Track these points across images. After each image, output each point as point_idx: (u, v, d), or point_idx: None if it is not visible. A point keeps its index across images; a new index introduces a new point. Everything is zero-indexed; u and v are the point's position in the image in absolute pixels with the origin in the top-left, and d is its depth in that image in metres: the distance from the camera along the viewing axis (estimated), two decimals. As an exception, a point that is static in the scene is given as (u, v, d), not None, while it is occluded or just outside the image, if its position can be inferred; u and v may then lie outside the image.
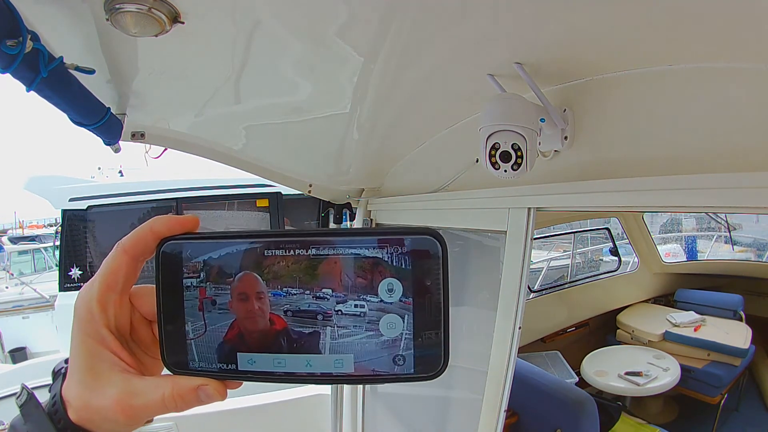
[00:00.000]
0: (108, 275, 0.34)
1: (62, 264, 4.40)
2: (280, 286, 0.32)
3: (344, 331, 0.32)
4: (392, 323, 0.31)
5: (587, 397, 2.08)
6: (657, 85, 0.78)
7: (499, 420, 1.06)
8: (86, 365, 0.34)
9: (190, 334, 0.33)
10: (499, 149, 0.86)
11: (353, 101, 1.17)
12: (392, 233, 0.31)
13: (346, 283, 0.31)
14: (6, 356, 5.39)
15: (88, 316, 0.34)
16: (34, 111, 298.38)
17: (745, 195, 0.64)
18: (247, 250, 0.33)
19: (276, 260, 0.32)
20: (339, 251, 0.32)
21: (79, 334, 0.34)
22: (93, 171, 5.13)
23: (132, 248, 0.34)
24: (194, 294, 0.33)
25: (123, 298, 0.35)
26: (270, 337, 0.33)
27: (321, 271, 0.32)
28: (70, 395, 0.34)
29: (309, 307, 0.32)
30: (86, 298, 0.34)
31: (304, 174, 1.80)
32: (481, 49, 0.89)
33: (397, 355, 0.32)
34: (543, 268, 4.76)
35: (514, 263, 1.04)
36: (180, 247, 0.33)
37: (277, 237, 0.33)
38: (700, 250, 5.59)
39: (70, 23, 0.76)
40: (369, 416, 1.94)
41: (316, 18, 0.79)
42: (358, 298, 0.31)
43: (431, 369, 0.32)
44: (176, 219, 0.34)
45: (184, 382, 0.33)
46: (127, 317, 0.36)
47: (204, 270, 0.33)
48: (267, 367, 0.33)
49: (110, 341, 0.34)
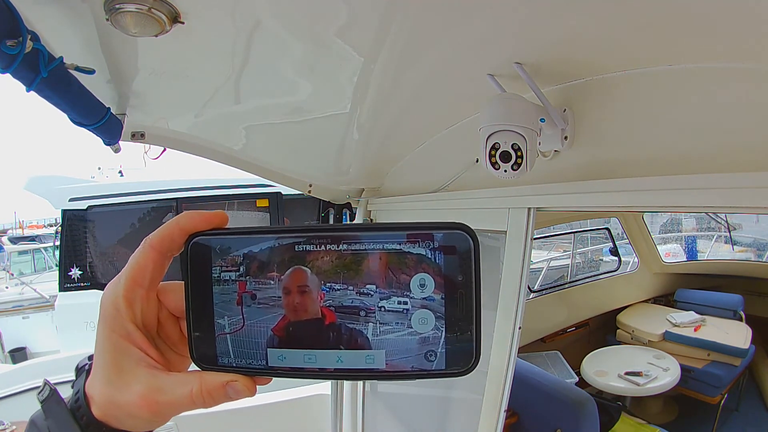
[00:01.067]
0: (135, 271, 0.34)
1: (62, 264, 4.40)
2: (323, 281, 0.32)
3: (385, 327, 0.31)
4: (425, 319, 0.31)
5: (587, 397, 2.08)
6: (657, 85, 0.78)
7: (499, 420, 1.06)
8: (111, 361, 0.33)
9: (223, 329, 0.33)
10: (499, 149, 0.86)
11: (353, 101, 1.17)
12: (427, 228, 0.31)
13: (389, 278, 0.31)
14: (6, 356, 5.39)
15: (114, 312, 0.34)
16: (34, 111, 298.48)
17: (745, 195, 0.64)
18: (284, 246, 0.32)
19: (317, 255, 0.32)
20: (376, 246, 0.31)
21: (104, 330, 0.34)
22: (93, 171, 5.13)
23: (159, 244, 0.34)
24: (227, 289, 0.33)
25: (150, 294, 0.35)
26: (305, 333, 0.32)
27: (361, 266, 0.32)
28: (93, 391, 0.34)
29: (352, 303, 0.32)
30: (112, 294, 0.34)
31: (304, 174, 1.80)
32: (481, 49, 0.89)
33: (430, 351, 0.31)
34: (543, 268, 4.76)
35: (514, 263, 1.04)
36: (209, 243, 0.33)
37: (311, 232, 0.32)
38: (700, 250, 5.59)
39: (70, 23, 0.76)
40: (369, 416, 1.94)
41: (316, 18, 0.79)
42: (400, 295, 0.31)
43: (463, 365, 0.31)
44: (204, 215, 0.34)
45: (213, 378, 0.33)
46: (154, 313, 0.36)
47: (239, 265, 0.33)
48: (297, 363, 0.33)
49: (137, 337, 0.34)
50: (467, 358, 0.31)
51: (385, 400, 1.94)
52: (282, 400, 2.69)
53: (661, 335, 3.48)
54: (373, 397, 1.95)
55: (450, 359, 0.31)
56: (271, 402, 2.67)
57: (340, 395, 2.08)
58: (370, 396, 1.95)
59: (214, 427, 2.54)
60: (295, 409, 2.70)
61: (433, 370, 0.31)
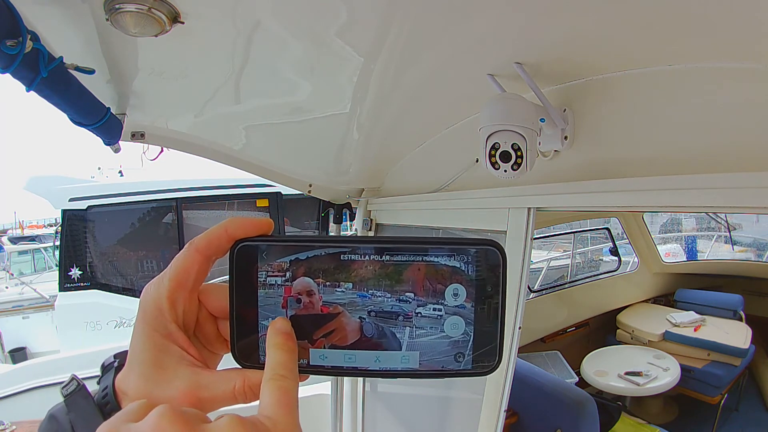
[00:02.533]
0: (180, 273, 0.35)
1: (62, 264, 4.40)
2: (364, 288, 0.35)
3: (421, 331, 0.35)
4: (456, 324, 0.34)
5: (587, 397, 2.08)
6: (657, 85, 0.78)
7: (499, 420, 1.06)
8: (152, 359, 0.34)
9: (266, 330, 0.35)
10: (499, 149, 0.86)
11: (353, 101, 1.17)
12: (462, 243, 0.35)
13: (426, 287, 0.34)
14: (6, 356, 5.39)
15: (157, 311, 0.34)
16: (34, 111, 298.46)
17: (745, 195, 0.64)
18: (329, 255, 0.35)
19: (360, 265, 0.35)
20: (417, 258, 0.34)
21: (145, 329, 0.35)
22: (93, 171, 5.13)
23: (206, 248, 0.35)
24: (271, 293, 0.35)
25: (192, 296, 0.36)
26: (348, 335, 0.35)
27: (402, 276, 0.34)
28: (127, 387, 0.34)
29: (391, 309, 0.35)
30: (155, 294, 0.35)
31: (304, 174, 1.80)
32: (481, 49, 0.88)
33: (459, 353, 0.35)
34: (543, 268, 4.76)
35: (514, 263, 1.04)
36: (255, 249, 0.35)
37: (355, 243, 0.35)
38: (700, 250, 5.59)
39: (70, 23, 0.76)
40: (369, 416, 1.94)
41: (316, 18, 0.79)
42: (435, 303, 0.34)
43: (487, 365, 0.35)
44: (251, 221, 0.35)
45: (256, 375, 0.34)
46: (194, 314, 0.37)
47: (285, 270, 0.35)
48: (337, 362, 0.35)
49: (178, 336, 0.35)
50: (491, 359, 0.35)
51: (385, 400, 1.94)
52: (282, 400, 2.68)
53: (661, 335, 3.48)
54: (373, 397, 1.95)
55: (476, 360, 0.35)
56: (271, 402, 2.66)
57: (340, 395, 2.08)
58: (370, 396, 1.95)
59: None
60: (295, 409, 2.69)
61: (461, 369, 0.35)
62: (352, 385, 2.00)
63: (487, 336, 0.34)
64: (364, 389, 1.95)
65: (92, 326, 4.37)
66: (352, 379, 1.99)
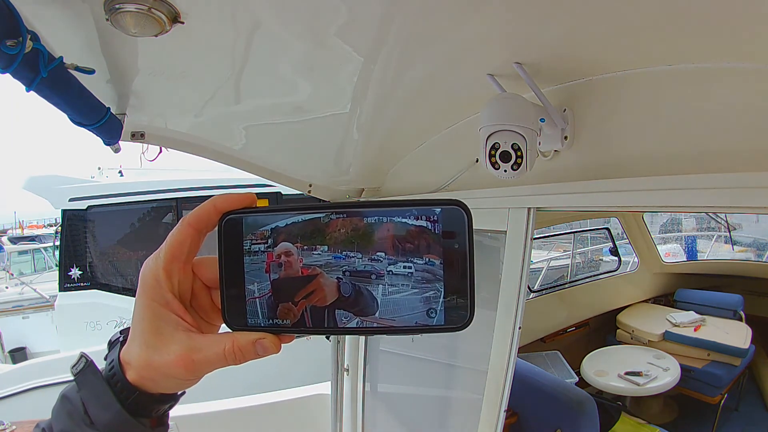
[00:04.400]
0: (174, 246, 0.38)
1: (62, 264, 4.41)
2: (339, 250, 0.36)
3: (393, 288, 0.36)
4: (427, 280, 0.36)
5: (587, 397, 2.08)
6: (657, 85, 0.78)
7: (499, 420, 1.06)
8: (151, 327, 0.37)
9: (252, 294, 0.37)
10: (499, 149, 0.86)
11: (353, 101, 1.17)
12: (427, 204, 0.36)
13: (396, 246, 0.36)
14: (6, 356, 5.39)
15: (154, 282, 0.37)
16: (34, 111, 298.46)
17: (745, 195, 0.64)
18: (305, 221, 0.37)
19: (334, 227, 0.37)
20: (384, 219, 0.36)
21: (144, 300, 0.37)
22: (93, 171, 5.13)
23: (196, 222, 0.38)
24: (255, 259, 0.37)
25: (186, 267, 0.39)
26: (327, 296, 0.37)
27: (372, 237, 0.36)
28: (131, 357, 0.37)
29: (365, 268, 0.36)
30: (153, 267, 0.37)
31: (304, 174, 1.80)
32: (481, 49, 0.88)
33: (431, 309, 0.36)
34: (543, 268, 4.76)
35: (514, 263, 1.04)
36: (240, 220, 0.38)
37: (328, 209, 0.37)
38: (700, 250, 5.59)
39: (70, 23, 0.76)
40: (369, 416, 1.94)
41: (316, 18, 0.79)
42: (405, 260, 0.36)
43: (459, 321, 0.36)
44: (236, 196, 0.38)
45: (243, 337, 0.37)
46: (189, 284, 0.39)
47: (267, 238, 0.37)
48: (318, 321, 0.37)
49: (174, 305, 0.38)
50: (463, 314, 0.36)
51: (385, 400, 1.94)
52: (282, 400, 2.69)
53: (661, 335, 3.48)
54: (373, 397, 1.95)
55: (448, 316, 0.36)
56: (271, 402, 2.67)
57: (340, 395, 2.08)
58: (370, 396, 1.95)
59: (214, 427, 2.54)
60: (295, 409, 2.69)
61: (434, 325, 0.36)
62: (352, 385, 2.00)
63: (458, 292, 0.36)
64: (364, 389, 1.95)
65: (92, 326, 4.37)
66: (352, 379, 1.98)
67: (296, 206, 0.37)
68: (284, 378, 3.36)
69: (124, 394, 0.36)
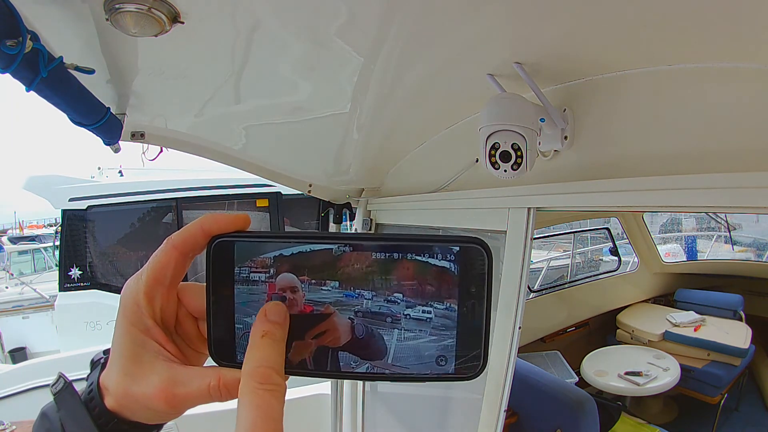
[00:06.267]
0: (157, 269, 0.34)
1: (62, 264, 4.40)
2: (352, 287, 0.33)
3: (409, 333, 0.33)
4: (443, 326, 0.33)
5: (587, 397, 2.08)
6: (657, 84, 0.78)
7: (499, 420, 1.06)
8: (130, 353, 0.34)
9: (242, 329, 0.34)
10: (498, 149, 0.86)
11: (353, 101, 1.17)
12: (444, 240, 0.32)
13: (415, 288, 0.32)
14: (6, 356, 5.39)
15: (135, 307, 0.34)
16: (34, 111, 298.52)
17: (745, 195, 0.64)
18: (311, 252, 0.33)
19: (347, 261, 0.33)
20: (396, 256, 0.33)
21: (123, 324, 0.34)
22: (93, 171, 5.13)
23: (182, 245, 0.34)
24: (249, 290, 0.34)
25: (171, 292, 0.36)
26: (341, 337, 0.34)
27: (390, 275, 0.33)
28: (109, 383, 0.34)
29: (379, 310, 0.33)
30: (134, 290, 0.35)
31: (304, 174, 1.80)
32: (481, 49, 0.88)
33: (441, 357, 0.33)
34: (543, 268, 4.76)
35: (514, 263, 1.04)
36: (231, 245, 0.34)
37: (336, 240, 0.33)
38: (700, 250, 5.59)
39: (70, 23, 0.76)
40: (369, 416, 1.94)
41: (316, 18, 0.79)
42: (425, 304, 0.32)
43: (471, 370, 0.33)
44: (227, 217, 0.34)
45: (230, 374, 0.33)
46: (173, 311, 0.37)
47: (265, 267, 0.33)
48: (321, 363, 0.34)
49: (155, 332, 0.35)
50: (476, 363, 0.33)
51: (385, 400, 1.94)
52: (282, 400, 2.68)
53: (661, 335, 3.48)
54: (373, 397, 1.95)
55: (459, 364, 0.33)
56: (271, 402, 2.66)
57: (340, 395, 2.08)
58: (370, 396, 1.95)
59: (214, 427, 2.53)
60: (295, 409, 2.69)
61: (443, 374, 0.33)
62: (352, 385, 2.00)
63: (472, 339, 0.33)
64: (364, 389, 1.95)
65: (92, 326, 4.37)
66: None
67: (296, 234, 0.33)
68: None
69: (103, 420, 0.34)
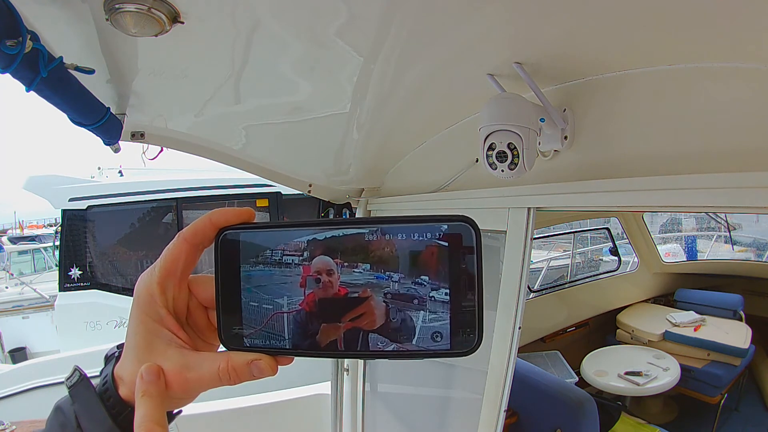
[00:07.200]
0: (169, 262, 0.37)
1: (62, 264, 4.41)
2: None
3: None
4: (435, 303, 0.34)
5: (587, 397, 2.08)
6: (657, 85, 0.78)
7: (499, 420, 1.06)
8: (144, 342, 0.36)
9: (251, 314, 0.36)
10: (495, 149, 0.86)
11: (353, 101, 1.17)
12: (430, 220, 0.33)
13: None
14: (6, 356, 5.40)
15: (149, 297, 0.37)
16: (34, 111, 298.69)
17: (745, 195, 0.64)
18: (312, 240, 0.35)
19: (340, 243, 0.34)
20: (380, 235, 0.34)
21: (138, 314, 0.37)
22: (93, 171, 5.13)
23: (192, 237, 0.37)
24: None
25: (182, 284, 0.38)
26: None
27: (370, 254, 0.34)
28: (124, 373, 0.36)
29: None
30: (147, 282, 0.37)
31: (304, 174, 1.80)
32: (481, 49, 0.89)
33: (436, 333, 0.34)
34: (543, 267, 4.76)
35: (514, 263, 1.04)
36: (238, 236, 0.36)
37: (334, 225, 0.35)
38: (700, 250, 5.59)
39: (70, 23, 0.76)
40: (369, 416, 1.94)
41: (316, 18, 0.79)
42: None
43: (466, 346, 0.34)
44: (233, 211, 0.37)
45: (238, 357, 0.35)
46: (184, 301, 0.39)
47: (269, 256, 0.35)
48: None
49: (168, 321, 0.37)
50: (470, 339, 0.34)
51: (385, 400, 1.94)
52: (282, 400, 2.69)
53: (661, 335, 3.48)
54: (373, 397, 1.95)
55: (454, 340, 0.34)
56: (271, 402, 2.67)
57: (340, 395, 2.08)
58: (370, 396, 1.95)
59: (214, 427, 2.54)
60: (295, 409, 2.70)
61: (439, 350, 0.34)
62: (352, 384, 2.00)
63: (466, 316, 0.34)
64: (364, 389, 1.95)
65: (92, 326, 4.37)
66: (352, 379, 1.98)
67: (297, 223, 0.35)
68: (284, 378, 3.36)
69: (116, 410, 0.36)
